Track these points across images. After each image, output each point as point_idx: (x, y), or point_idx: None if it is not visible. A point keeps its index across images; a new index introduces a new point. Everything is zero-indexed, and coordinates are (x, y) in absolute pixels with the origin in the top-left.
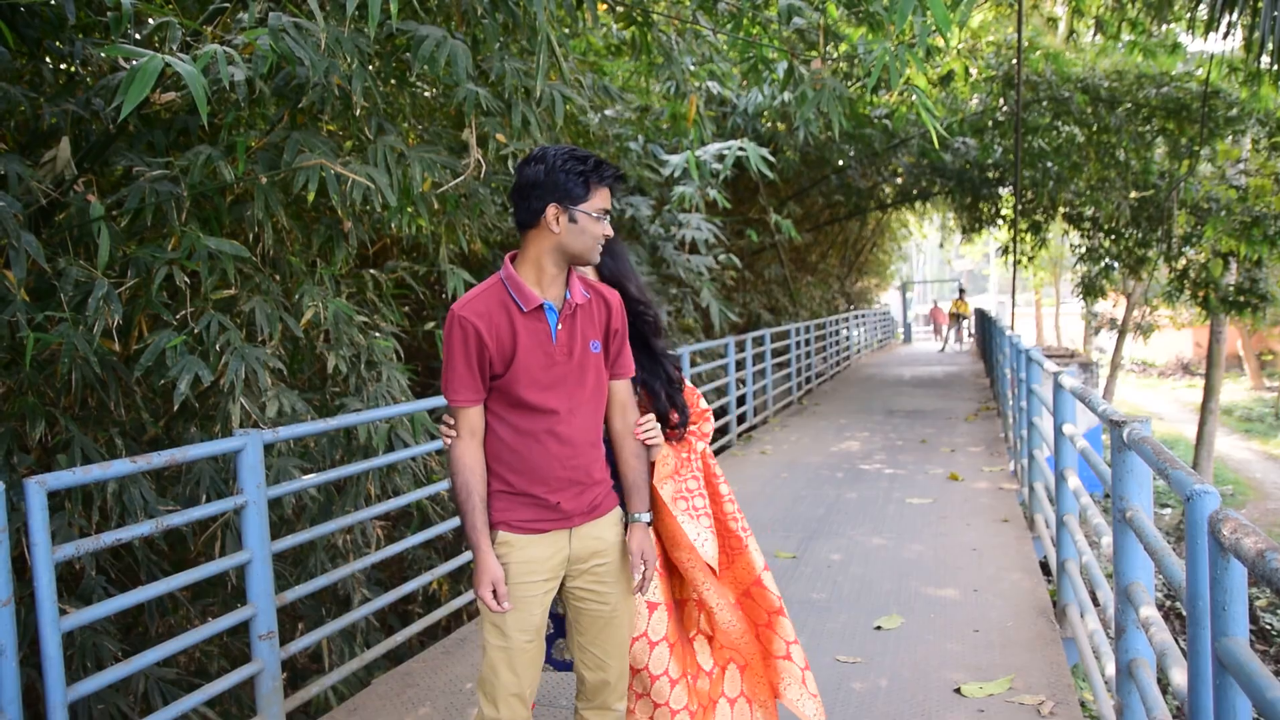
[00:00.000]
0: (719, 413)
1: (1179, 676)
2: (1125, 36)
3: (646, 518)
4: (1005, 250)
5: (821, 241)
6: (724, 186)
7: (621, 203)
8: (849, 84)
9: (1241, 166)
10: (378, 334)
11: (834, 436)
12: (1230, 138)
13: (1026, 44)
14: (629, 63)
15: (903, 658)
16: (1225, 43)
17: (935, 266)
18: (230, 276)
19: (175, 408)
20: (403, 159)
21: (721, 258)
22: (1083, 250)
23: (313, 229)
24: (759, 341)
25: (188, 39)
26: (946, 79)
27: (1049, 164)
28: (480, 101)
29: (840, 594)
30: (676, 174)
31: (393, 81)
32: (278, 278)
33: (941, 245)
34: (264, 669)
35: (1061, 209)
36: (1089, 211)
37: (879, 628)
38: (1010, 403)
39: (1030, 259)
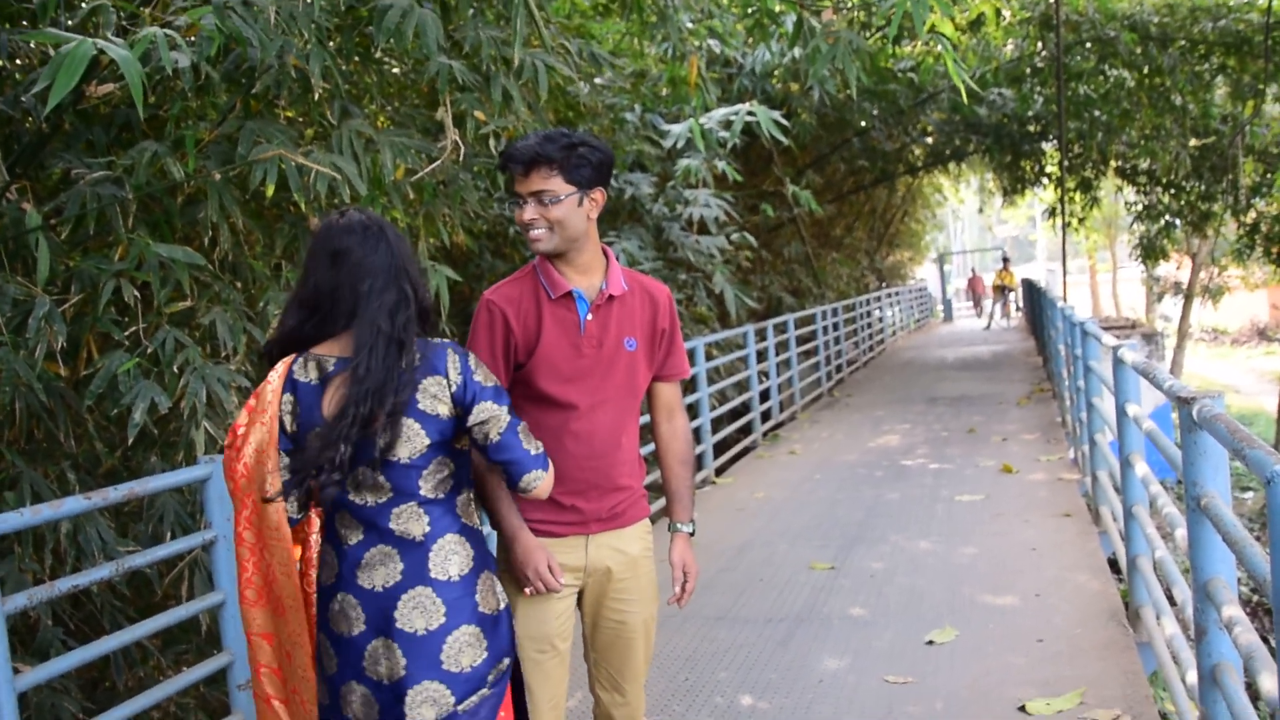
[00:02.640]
0: (741, 410)
1: (1269, 682)
2: None
3: (689, 528)
4: (1052, 212)
5: (846, 213)
6: (733, 157)
7: (620, 181)
8: (867, 35)
9: None
10: None
11: (870, 431)
12: None
13: None
14: (620, 24)
15: (959, 675)
16: None
17: (975, 235)
18: (186, 286)
19: (131, 438)
20: (371, 144)
21: (735, 237)
22: (1139, 208)
23: (275, 228)
24: (781, 328)
25: (124, 23)
26: (976, 24)
27: (1096, 113)
28: (455, 76)
29: (886, 607)
30: (679, 145)
31: (356, 59)
32: (239, 285)
33: (981, 210)
34: None
35: (1113, 163)
36: (1144, 164)
37: (931, 642)
38: (1066, 383)
39: (1081, 221)
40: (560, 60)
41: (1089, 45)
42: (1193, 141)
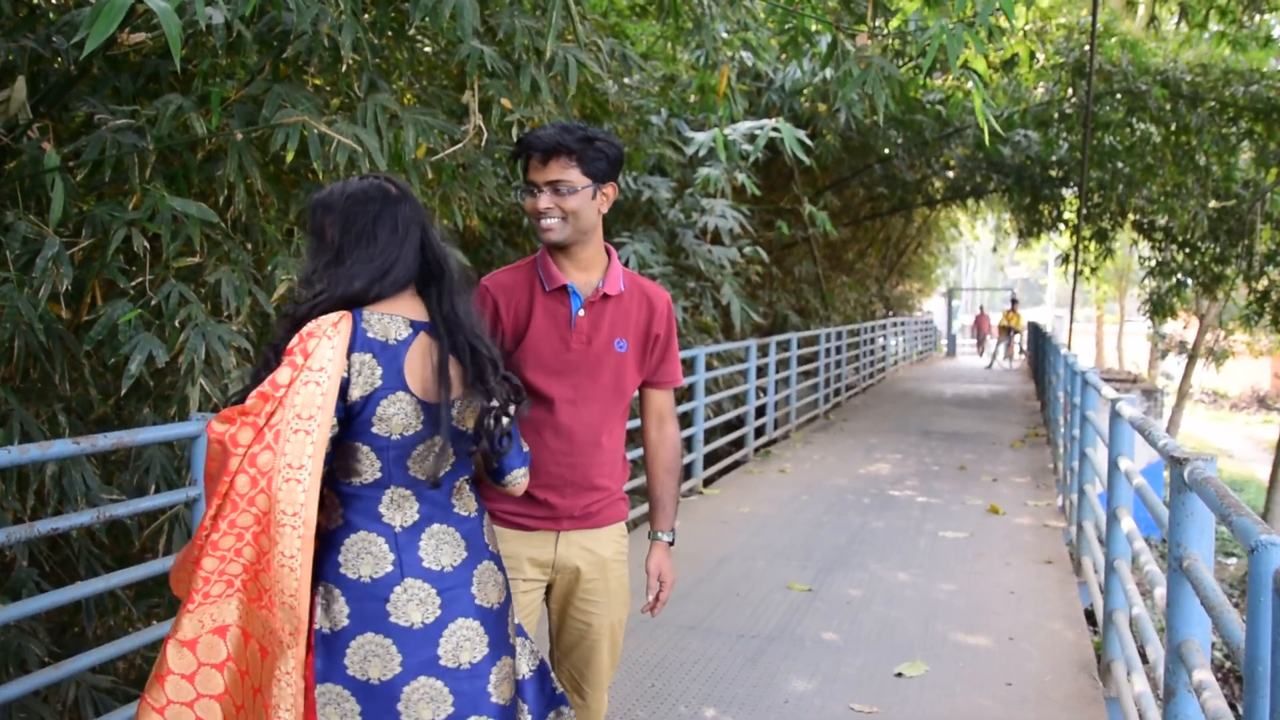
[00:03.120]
0: (735, 423)
1: None
2: (1213, 26)
3: (668, 537)
4: (1065, 259)
5: (860, 238)
6: (754, 170)
7: (638, 183)
8: (899, 63)
9: None
10: None
11: (862, 457)
12: None
13: (1101, 29)
14: (655, 26)
15: (925, 711)
16: None
17: (987, 273)
18: (196, 242)
19: (125, 388)
20: (395, 120)
21: (747, 250)
22: (1152, 263)
23: (291, 194)
24: (784, 346)
25: None
26: (1010, 64)
27: (1119, 164)
28: (485, 61)
29: (859, 634)
30: (702, 153)
31: (389, 33)
32: (249, 246)
33: (995, 249)
34: None
35: (1131, 216)
36: (1161, 220)
37: (900, 675)
38: (1062, 430)
39: (1093, 270)
40: (591, 57)
41: (1119, 96)
42: (1212, 203)
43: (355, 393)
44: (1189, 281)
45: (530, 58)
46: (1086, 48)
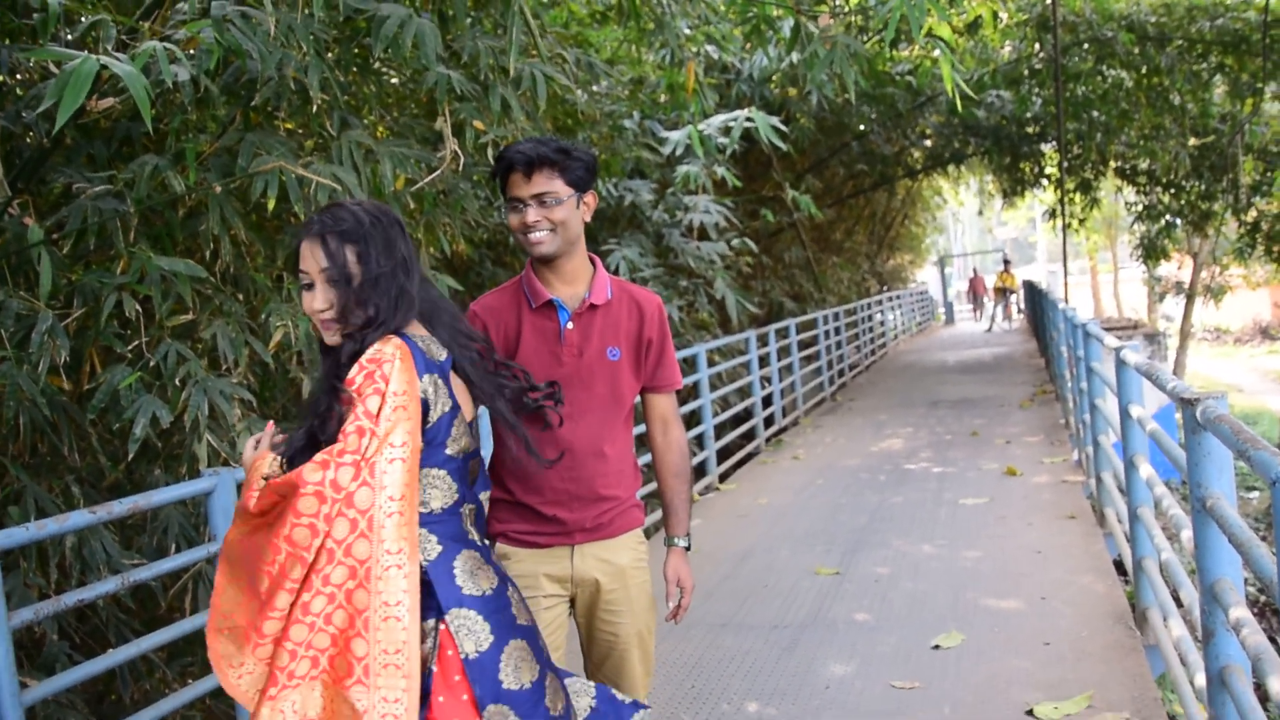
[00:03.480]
0: (743, 416)
1: (1277, 684)
2: None
3: (684, 542)
4: (1052, 214)
5: (846, 217)
6: (733, 162)
7: (620, 188)
8: (864, 39)
9: None
10: None
11: (873, 435)
12: None
13: None
14: (617, 31)
15: (966, 680)
16: None
17: (976, 237)
18: (187, 299)
19: (131, 453)
20: (371, 155)
21: (735, 242)
22: (1139, 208)
23: (276, 240)
24: (783, 333)
25: (124, 38)
26: (974, 26)
27: (1095, 113)
28: (453, 85)
29: (891, 612)
30: (679, 152)
31: (354, 69)
32: (240, 297)
33: (981, 213)
34: None
35: (1113, 163)
36: (1144, 164)
37: (937, 647)
38: (1069, 385)
39: (1081, 222)
40: (558, 69)
41: (1086, 46)
42: (1192, 141)
43: (433, 415)
44: (1178, 221)
45: (497, 77)
46: (1049, 1)
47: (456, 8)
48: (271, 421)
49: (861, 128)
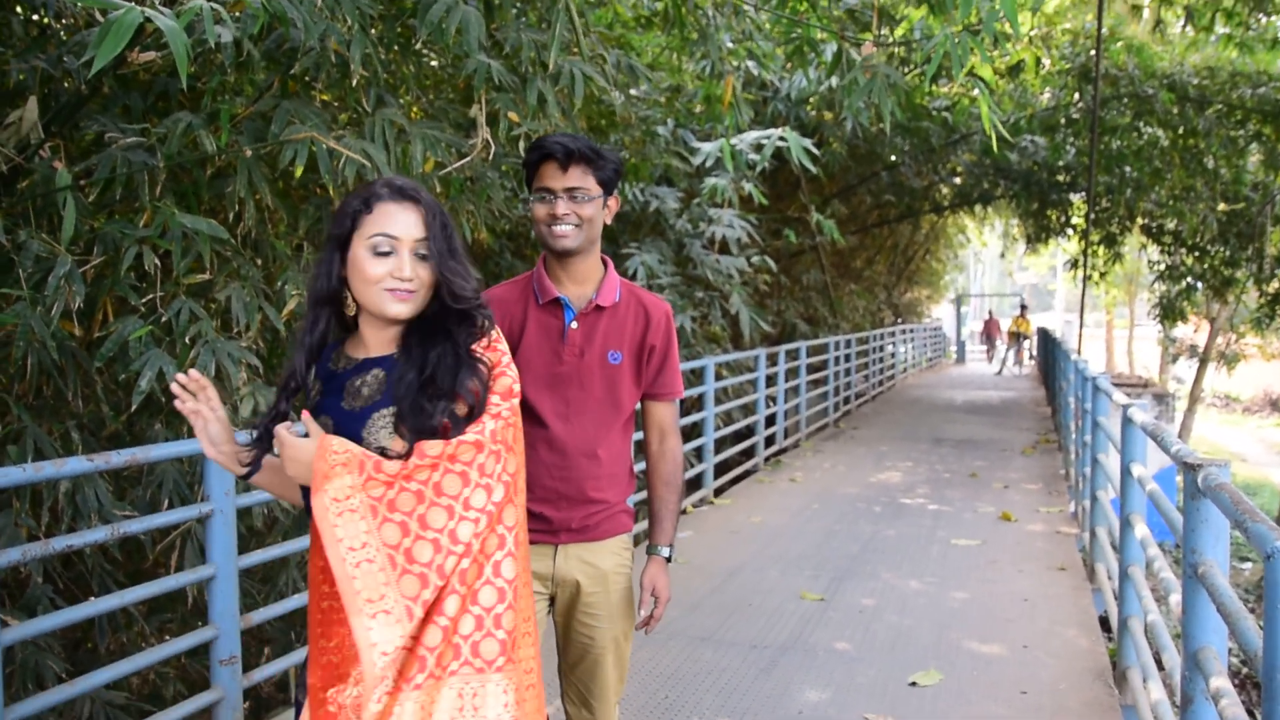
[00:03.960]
0: (745, 432)
1: None
2: (1219, 29)
3: (665, 552)
4: (1074, 264)
5: (868, 246)
6: (761, 179)
7: (646, 193)
8: (905, 71)
9: None
10: None
11: (873, 465)
12: None
13: (1107, 33)
14: (660, 37)
15: (940, 719)
16: None
17: (995, 279)
18: (206, 259)
19: (134, 406)
20: (403, 135)
21: (755, 259)
22: (1162, 267)
23: (300, 209)
24: (793, 355)
25: None
26: (1015, 70)
27: (1127, 169)
28: (492, 75)
29: (872, 643)
30: (708, 163)
31: (396, 49)
32: (259, 262)
33: (1003, 255)
34: (224, 698)
35: (1140, 220)
36: (1170, 224)
37: (915, 684)
38: (1073, 436)
39: (1102, 275)
40: (597, 69)
41: (1125, 100)
42: (1221, 206)
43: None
44: (1199, 285)
45: (536, 71)
46: (1092, 52)
47: None
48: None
49: (893, 158)
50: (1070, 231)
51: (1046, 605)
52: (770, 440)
